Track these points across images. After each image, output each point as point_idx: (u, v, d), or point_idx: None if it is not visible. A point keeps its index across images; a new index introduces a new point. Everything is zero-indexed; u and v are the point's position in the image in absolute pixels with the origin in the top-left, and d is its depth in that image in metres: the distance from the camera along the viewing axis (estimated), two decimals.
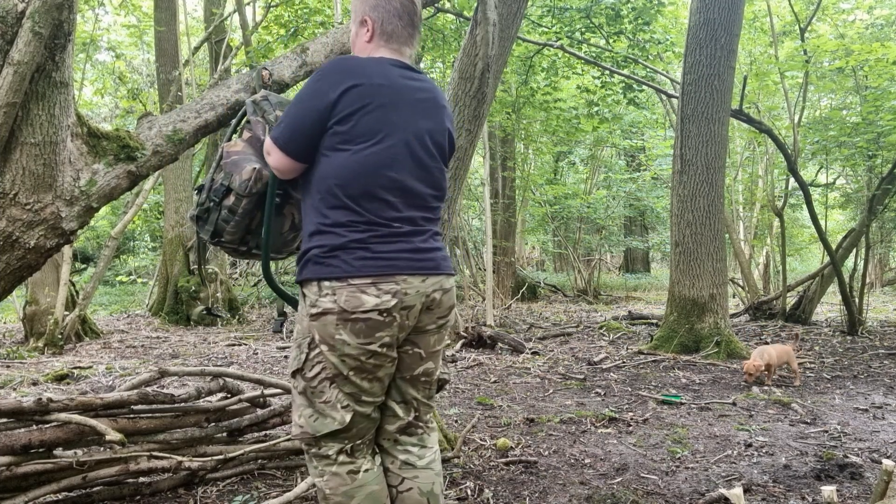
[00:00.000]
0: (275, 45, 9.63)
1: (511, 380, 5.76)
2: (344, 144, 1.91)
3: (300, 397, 1.99)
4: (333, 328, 1.89)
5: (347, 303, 1.87)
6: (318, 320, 1.90)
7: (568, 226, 16.81)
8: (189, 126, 2.58)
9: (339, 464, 1.96)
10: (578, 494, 3.06)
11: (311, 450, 2.00)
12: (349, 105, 1.90)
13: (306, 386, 1.96)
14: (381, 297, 1.88)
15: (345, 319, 1.88)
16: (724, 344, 6.86)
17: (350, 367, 1.91)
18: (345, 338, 1.88)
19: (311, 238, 1.94)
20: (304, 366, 1.95)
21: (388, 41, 2.05)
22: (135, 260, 18.36)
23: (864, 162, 9.93)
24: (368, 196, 1.90)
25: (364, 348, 1.90)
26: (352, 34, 2.12)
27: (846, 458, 3.51)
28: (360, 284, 1.87)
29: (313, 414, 1.96)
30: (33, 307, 7.56)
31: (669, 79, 10.34)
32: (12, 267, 2.27)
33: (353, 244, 1.88)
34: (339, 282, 1.88)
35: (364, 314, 1.87)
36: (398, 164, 1.94)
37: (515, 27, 4.13)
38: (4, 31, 2.09)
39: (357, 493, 1.96)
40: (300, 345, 1.96)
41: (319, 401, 1.95)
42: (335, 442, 1.97)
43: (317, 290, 1.91)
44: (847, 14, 12.64)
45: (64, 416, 2.65)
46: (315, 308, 1.91)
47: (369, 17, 2.04)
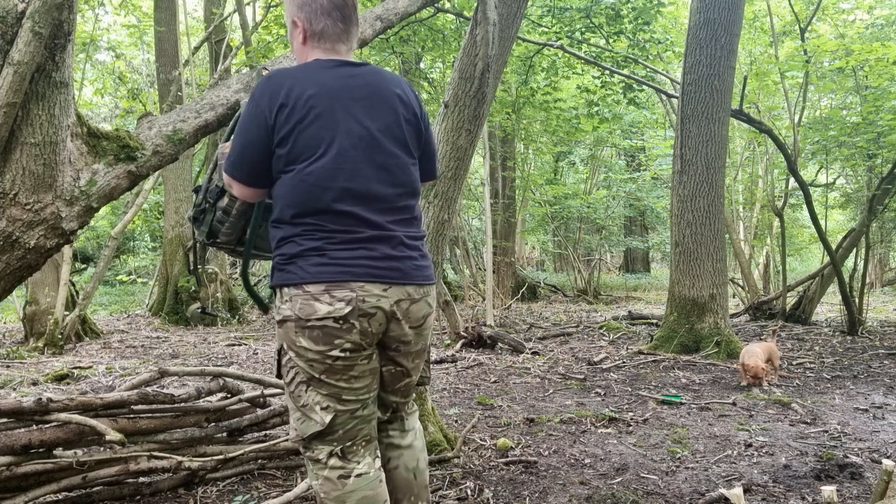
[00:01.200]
0: (275, 45, 9.63)
1: (511, 380, 5.76)
2: (288, 166, 1.89)
3: (289, 401, 2.01)
4: (294, 335, 1.89)
5: (301, 310, 1.86)
6: (282, 327, 1.92)
7: (568, 226, 16.81)
8: (189, 126, 2.58)
9: (330, 468, 1.95)
10: (578, 494, 3.06)
11: (306, 453, 2.01)
12: (284, 125, 1.86)
13: (288, 389, 1.99)
14: (334, 305, 1.84)
15: (301, 327, 1.87)
16: (724, 344, 6.86)
17: (319, 370, 1.90)
18: (304, 344, 1.88)
19: (276, 247, 1.95)
20: (281, 371, 1.98)
21: (319, 40, 1.99)
22: (135, 260, 18.36)
23: (864, 162, 9.93)
24: (321, 212, 1.87)
25: (326, 354, 1.88)
26: (288, 36, 2.08)
27: (846, 458, 3.51)
28: (313, 292, 1.85)
29: (300, 416, 1.97)
30: (33, 307, 7.56)
31: (669, 79, 10.34)
32: (12, 267, 2.27)
33: (309, 252, 1.87)
34: (295, 288, 1.87)
35: (319, 321, 1.85)
36: (347, 172, 1.89)
37: (515, 27, 4.13)
38: (4, 31, 2.09)
39: (348, 497, 1.93)
40: (278, 350, 1.99)
41: (299, 404, 1.96)
42: (323, 444, 1.96)
43: (279, 296, 1.93)
44: (847, 14, 12.64)
45: (64, 416, 2.65)
46: (278, 315, 1.93)
47: (297, 18, 1.99)
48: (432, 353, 6.58)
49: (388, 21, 3.14)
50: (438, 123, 3.83)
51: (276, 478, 3.20)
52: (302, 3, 1.98)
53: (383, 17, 3.11)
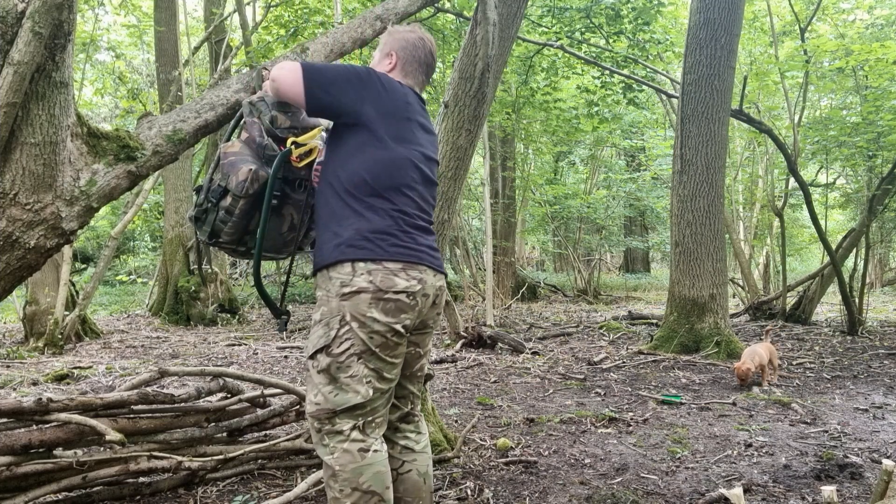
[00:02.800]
0: (275, 45, 9.62)
1: (511, 380, 5.76)
2: (376, 145, 2.10)
3: (320, 375, 2.08)
4: (366, 306, 2.04)
5: (383, 282, 2.05)
6: (351, 299, 2.04)
7: (568, 226, 16.81)
8: (189, 126, 2.58)
9: (351, 440, 2.06)
10: (578, 494, 3.06)
11: (325, 426, 2.08)
12: (384, 106, 2.11)
13: (332, 362, 2.06)
14: (409, 282, 2.08)
15: (378, 298, 2.04)
16: (724, 344, 6.86)
17: (377, 343, 2.06)
18: (375, 315, 2.04)
19: (342, 223, 2.09)
20: (333, 343, 2.06)
21: (404, 77, 2.30)
22: (135, 260, 18.36)
23: (864, 162, 9.92)
24: (395, 190, 2.11)
25: (390, 326, 2.06)
26: (374, 62, 2.35)
27: (846, 458, 3.51)
28: (392, 268, 2.06)
29: (333, 390, 2.06)
30: (33, 307, 7.56)
31: (669, 79, 10.34)
32: (12, 267, 2.27)
33: (384, 231, 2.08)
34: (374, 263, 2.05)
35: (395, 294, 2.06)
36: (416, 170, 2.18)
37: (515, 27, 4.13)
38: (4, 31, 2.09)
39: (366, 470, 2.05)
40: (328, 323, 2.07)
41: (345, 375, 2.06)
42: (350, 418, 2.07)
43: (350, 270, 2.05)
44: (847, 14, 12.63)
45: (64, 416, 2.65)
46: (348, 287, 2.05)
47: (395, 53, 2.31)
48: (433, 354, 6.58)
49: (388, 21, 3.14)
50: (438, 123, 3.83)
51: (276, 478, 3.20)
52: (405, 45, 2.32)
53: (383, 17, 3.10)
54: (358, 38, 2.99)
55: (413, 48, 2.31)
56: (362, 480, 2.04)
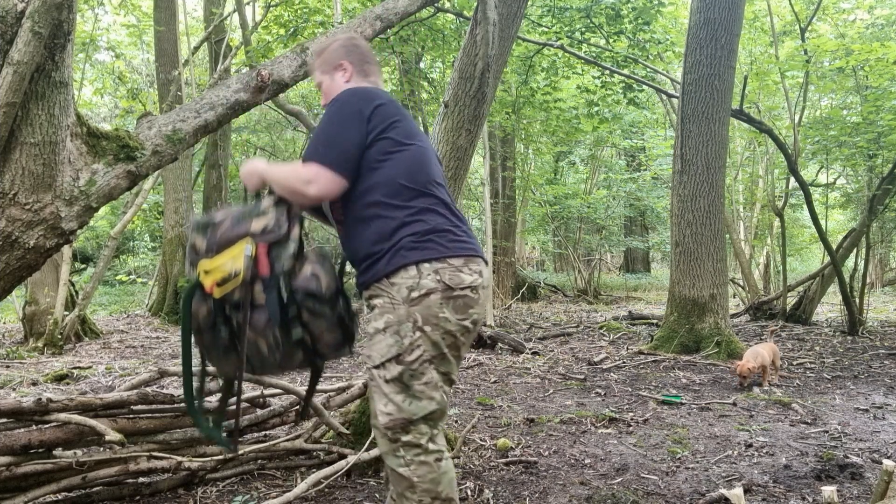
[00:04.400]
0: (274, 44, 9.61)
1: (511, 380, 5.75)
2: (397, 147, 2.08)
3: (391, 384, 2.03)
4: (437, 307, 2.01)
5: (451, 280, 2.02)
6: (422, 303, 2.00)
7: (568, 226, 16.81)
8: (188, 126, 2.57)
9: (427, 452, 2.05)
10: (578, 495, 3.06)
11: (402, 437, 2.03)
12: (386, 117, 2.08)
13: (404, 370, 2.02)
14: (473, 276, 2.07)
15: (447, 297, 2.01)
16: (724, 344, 6.85)
17: (447, 343, 2.04)
18: (447, 315, 2.02)
19: (394, 235, 2.03)
20: (405, 351, 2.01)
21: (366, 78, 2.27)
22: (134, 260, 18.36)
23: (864, 162, 9.92)
24: (432, 184, 2.12)
25: (461, 324, 2.04)
26: (326, 83, 2.28)
27: (846, 458, 3.51)
28: (456, 265, 2.04)
29: (406, 398, 2.02)
30: (33, 307, 7.55)
31: (669, 78, 10.34)
32: (12, 267, 2.26)
33: (440, 229, 2.06)
34: (438, 262, 2.02)
35: (462, 291, 2.04)
36: (435, 159, 2.21)
37: (515, 27, 4.13)
38: (4, 31, 2.09)
39: (442, 478, 2.05)
40: (398, 331, 2.01)
41: (419, 383, 2.02)
42: (426, 426, 2.05)
43: (416, 273, 2.01)
44: (847, 14, 12.63)
45: (64, 416, 2.65)
46: (417, 291, 2.00)
47: (345, 61, 2.27)
48: None
49: (388, 21, 3.14)
50: (438, 123, 3.82)
51: (276, 478, 3.20)
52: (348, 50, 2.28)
53: (383, 17, 3.10)
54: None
55: (355, 48, 2.30)
56: (441, 489, 2.04)
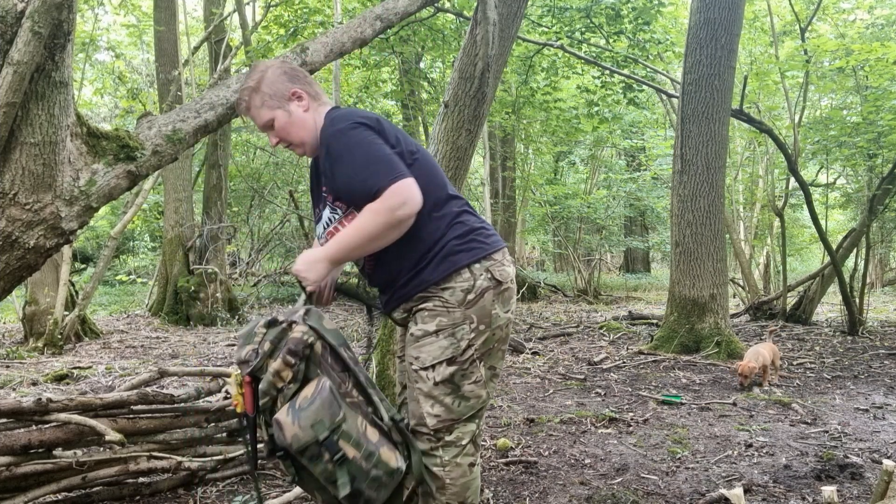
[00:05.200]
0: (274, 44, 9.61)
1: (511, 380, 5.75)
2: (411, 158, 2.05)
3: (440, 386, 2.04)
4: (490, 304, 2.03)
5: (501, 274, 2.05)
6: (479, 303, 2.02)
7: (568, 226, 16.80)
8: (188, 126, 2.57)
9: (465, 454, 2.06)
10: (578, 495, 3.06)
11: (446, 437, 2.05)
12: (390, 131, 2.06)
13: (457, 370, 2.02)
14: (511, 267, 2.12)
15: (498, 292, 2.05)
16: (724, 344, 6.85)
17: (497, 338, 2.07)
18: (498, 311, 2.05)
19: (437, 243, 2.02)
20: (460, 353, 2.02)
21: (316, 99, 2.15)
22: (134, 260, 18.35)
23: (864, 162, 9.92)
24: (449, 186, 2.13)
25: (507, 316, 2.08)
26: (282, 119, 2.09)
27: (846, 458, 3.51)
28: (499, 258, 2.08)
29: (455, 399, 2.04)
30: (33, 307, 7.55)
31: (669, 78, 10.34)
32: (12, 267, 2.26)
33: (476, 227, 2.07)
34: (486, 260, 2.05)
35: (509, 283, 2.08)
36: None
37: (515, 27, 4.13)
38: (4, 31, 2.09)
39: (472, 484, 2.07)
40: (453, 333, 2.01)
41: (469, 382, 2.04)
42: (472, 425, 2.08)
43: (469, 275, 2.02)
44: (847, 14, 12.63)
45: (63, 416, 2.64)
46: (474, 293, 2.01)
47: (297, 88, 2.11)
48: None
49: (388, 21, 3.13)
50: (438, 123, 3.83)
51: (276, 478, 3.20)
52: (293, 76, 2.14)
53: (383, 17, 3.10)
54: (358, 38, 2.99)
55: (295, 72, 2.16)
56: (468, 495, 2.05)
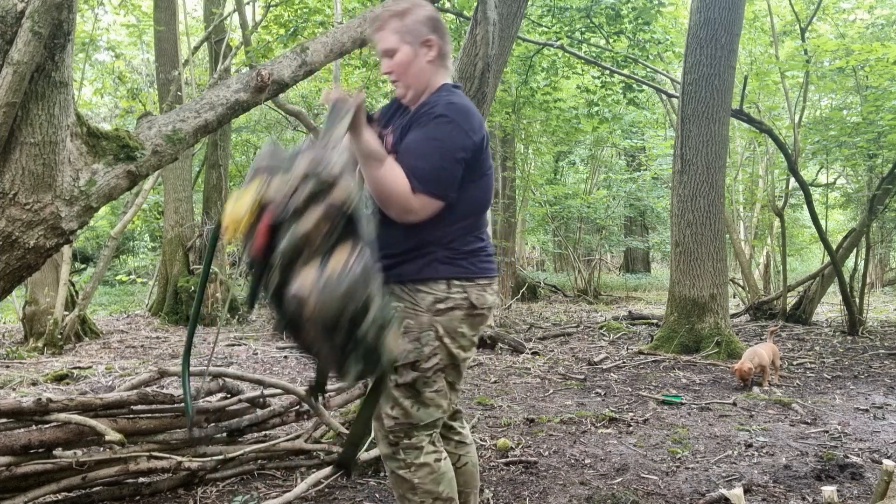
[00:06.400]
0: (274, 44, 9.61)
1: (511, 380, 5.75)
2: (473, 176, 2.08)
3: (401, 389, 2.05)
4: (458, 322, 2.06)
5: (477, 299, 2.09)
6: (445, 315, 2.04)
7: (568, 226, 16.80)
8: (188, 126, 2.57)
9: (427, 453, 2.08)
10: (578, 495, 3.06)
11: (403, 441, 2.07)
12: (482, 150, 2.09)
13: (419, 377, 2.04)
14: (493, 297, 2.16)
15: (471, 314, 2.08)
16: (724, 344, 6.85)
17: (461, 357, 2.11)
18: (465, 330, 2.09)
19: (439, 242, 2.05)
20: (423, 358, 2.04)
21: (443, 60, 2.14)
22: (134, 260, 18.35)
23: (864, 162, 9.92)
24: (481, 213, 2.17)
25: (472, 340, 2.13)
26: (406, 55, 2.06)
27: (846, 458, 3.51)
28: (483, 284, 2.11)
29: (415, 404, 2.06)
30: (33, 307, 7.55)
31: (670, 78, 10.33)
32: (12, 267, 2.26)
33: (474, 250, 2.11)
34: (468, 281, 2.08)
35: (483, 310, 2.12)
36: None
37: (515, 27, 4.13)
38: (4, 31, 2.09)
39: (442, 479, 2.09)
40: (418, 338, 2.04)
41: (430, 390, 2.06)
42: (427, 431, 2.09)
43: (445, 287, 2.05)
44: (847, 14, 12.63)
45: (63, 416, 2.64)
46: (443, 303, 2.04)
47: (433, 39, 2.08)
48: None
49: None
50: None
51: (276, 478, 3.20)
52: (436, 26, 2.11)
53: None
54: (358, 38, 2.99)
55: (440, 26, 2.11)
56: (441, 489, 2.07)
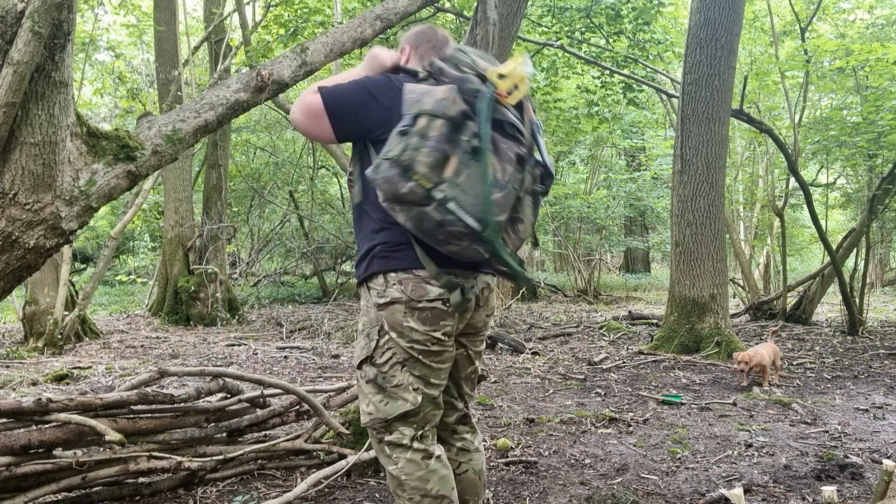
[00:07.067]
0: (274, 44, 9.62)
1: (511, 380, 5.75)
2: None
3: (369, 385, 2.09)
4: (402, 316, 2.01)
5: (413, 292, 2.00)
6: (387, 310, 2.02)
7: (568, 226, 16.80)
8: (188, 126, 2.57)
9: (414, 450, 2.07)
10: (578, 495, 3.06)
11: (385, 436, 2.08)
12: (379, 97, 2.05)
13: (377, 372, 2.06)
14: (437, 289, 2.01)
15: (412, 308, 2.00)
16: (724, 344, 6.85)
17: (418, 351, 2.03)
18: (412, 325, 2.01)
19: (376, 235, 2.04)
20: (375, 353, 2.05)
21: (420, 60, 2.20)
22: (134, 260, 18.36)
23: (864, 162, 9.91)
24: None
25: (429, 335, 2.02)
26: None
27: (846, 458, 3.51)
28: (423, 276, 2.00)
29: (383, 399, 2.06)
30: (33, 307, 7.55)
31: (670, 78, 10.33)
32: (12, 267, 2.26)
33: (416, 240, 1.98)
34: (404, 273, 2.00)
35: (429, 303, 2.00)
36: None
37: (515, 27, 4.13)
38: (4, 31, 2.09)
39: (431, 476, 2.06)
40: (368, 334, 2.07)
41: (391, 385, 2.06)
42: (407, 426, 2.07)
43: (383, 282, 2.02)
44: (847, 14, 12.63)
45: (63, 416, 2.64)
46: (383, 298, 2.02)
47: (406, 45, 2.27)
48: None
49: (388, 21, 3.13)
50: None
51: (276, 478, 3.20)
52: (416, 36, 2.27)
53: (383, 17, 3.10)
54: (358, 38, 2.99)
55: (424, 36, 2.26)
56: (430, 486, 2.05)
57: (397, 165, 1.82)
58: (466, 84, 1.91)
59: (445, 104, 1.86)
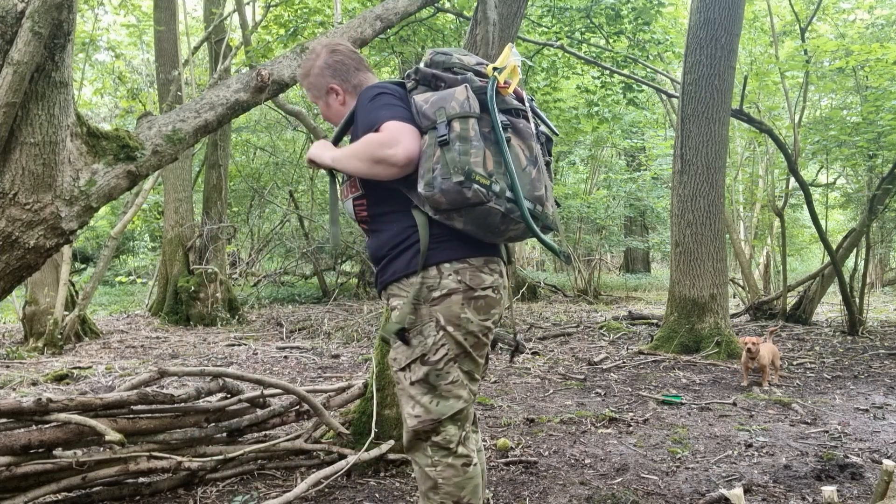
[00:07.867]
0: (274, 44, 9.62)
1: (511, 380, 5.75)
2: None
3: (416, 386, 2.03)
4: (459, 307, 2.00)
5: (472, 280, 2.00)
6: (443, 302, 1.99)
7: (568, 226, 16.80)
8: (188, 126, 2.57)
9: (456, 455, 2.03)
10: (578, 495, 3.06)
11: (432, 437, 2.03)
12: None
13: (430, 370, 2.01)
14: (493, 276, 2.05)
15: (469, 298, 2.00)
16: (724, 344, 6.85)
17: (471, 343, 2.03)
18: (469, 315, 2.00)
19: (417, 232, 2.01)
20: (429, 351, 2.00)
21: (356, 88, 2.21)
22: (134, 260, 18.36)
23: (864, 162, 9.91)
24: None
25: (483, 324, 2.04)
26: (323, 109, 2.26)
27: (846, 458, 3.51)
28: (476, 265, 2.02)
29: (433, 399, 2.02)
30: (33, 307, 7.55)
31: (669, 78, 10.34)
32: (12, 267, 2.26)
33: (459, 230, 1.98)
34: (459, 263, 2.00)
35: (483, 292, 2.02)
36: None
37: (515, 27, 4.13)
38: (4, 31, 2.09)
39: (468, 483, 2.04)
40: (421, 331, 2.01)
41: (445, 382, 2.02)
42: (454, 426, 2.03)
43: (436, 273, 2.00)
44: (847, 14, 12.64)
45: (63, 416, 2.64)
46: (438, 291, 1.99)
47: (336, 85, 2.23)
48: None
49: (388, 21, 3.14)
50: None
51: (276, 478, 3.20)
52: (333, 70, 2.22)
53: (383, 17, 3.10)
54: (358, 38, 2.99)
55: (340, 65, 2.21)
56: (463, 494, 2.03)
57: (459, 174, 1.84)
58: (472, 82, 1.98)
59: (469, 103, 1.92)
